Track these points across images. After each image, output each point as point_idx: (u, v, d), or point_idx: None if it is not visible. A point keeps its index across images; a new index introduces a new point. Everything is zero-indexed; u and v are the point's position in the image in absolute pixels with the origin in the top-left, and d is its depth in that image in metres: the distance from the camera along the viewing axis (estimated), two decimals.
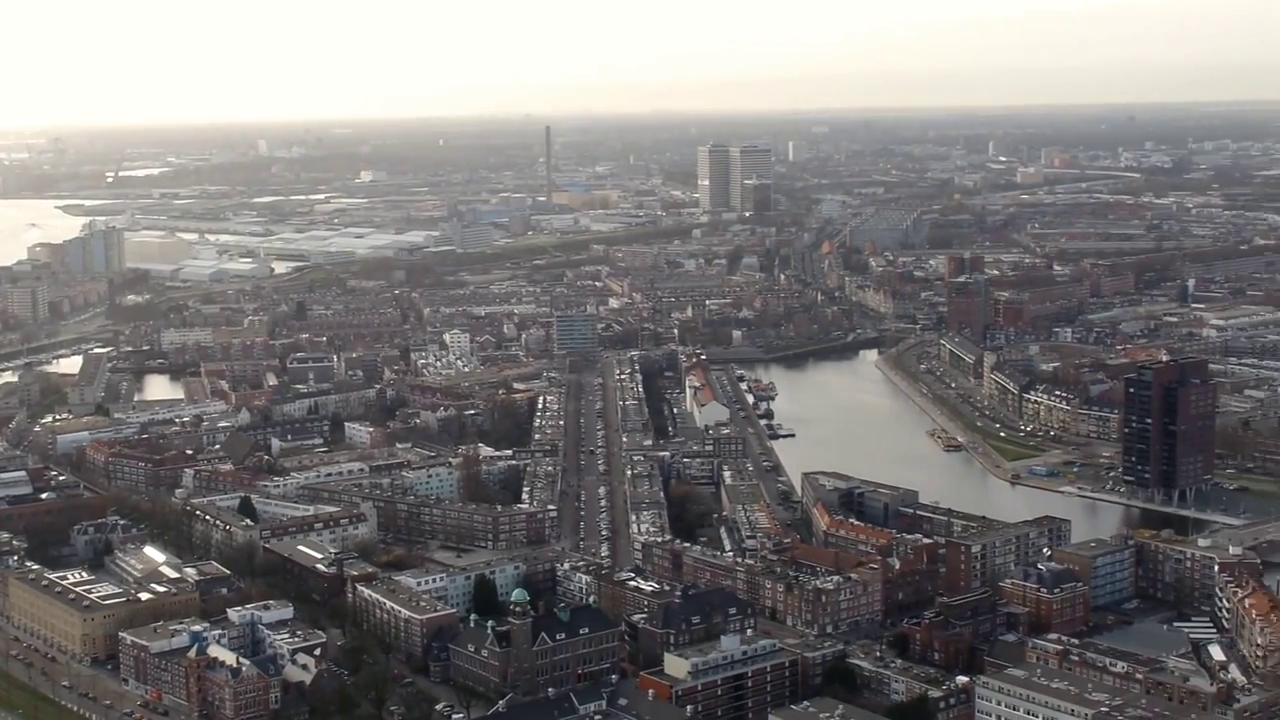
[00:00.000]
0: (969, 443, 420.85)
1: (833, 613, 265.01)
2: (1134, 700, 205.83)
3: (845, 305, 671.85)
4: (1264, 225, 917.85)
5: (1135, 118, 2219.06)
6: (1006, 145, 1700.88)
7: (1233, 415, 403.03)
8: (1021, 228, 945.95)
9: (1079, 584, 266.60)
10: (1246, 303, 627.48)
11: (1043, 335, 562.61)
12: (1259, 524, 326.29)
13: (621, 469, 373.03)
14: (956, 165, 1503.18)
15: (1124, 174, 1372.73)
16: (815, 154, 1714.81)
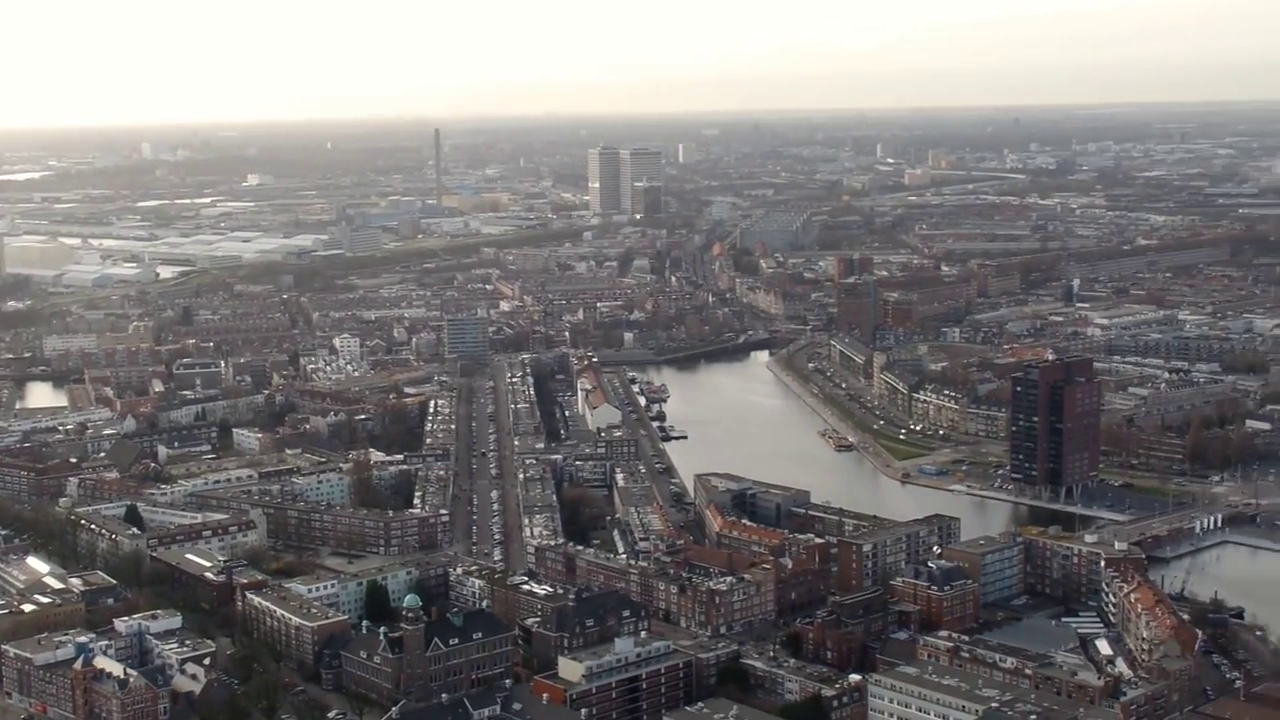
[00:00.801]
0: (860, 442, 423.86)
1: (726, 613, 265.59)
2: (1023, 695, 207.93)
3: (736, 307, 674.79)
4: (1146, 225, 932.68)
5: (1020, 120, 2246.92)
6: (894, 147, 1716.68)
7: (1117, 413, 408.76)
8: (909, 229, 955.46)
9: (969, 581, 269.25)
10: (1129, 302, 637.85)
11: (931, 335, 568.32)
12: (1143, 519, 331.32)
13: (514, 472, 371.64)
14: (845, 167, 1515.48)
15: (1009, 175, 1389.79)
16: (705, 156, 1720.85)
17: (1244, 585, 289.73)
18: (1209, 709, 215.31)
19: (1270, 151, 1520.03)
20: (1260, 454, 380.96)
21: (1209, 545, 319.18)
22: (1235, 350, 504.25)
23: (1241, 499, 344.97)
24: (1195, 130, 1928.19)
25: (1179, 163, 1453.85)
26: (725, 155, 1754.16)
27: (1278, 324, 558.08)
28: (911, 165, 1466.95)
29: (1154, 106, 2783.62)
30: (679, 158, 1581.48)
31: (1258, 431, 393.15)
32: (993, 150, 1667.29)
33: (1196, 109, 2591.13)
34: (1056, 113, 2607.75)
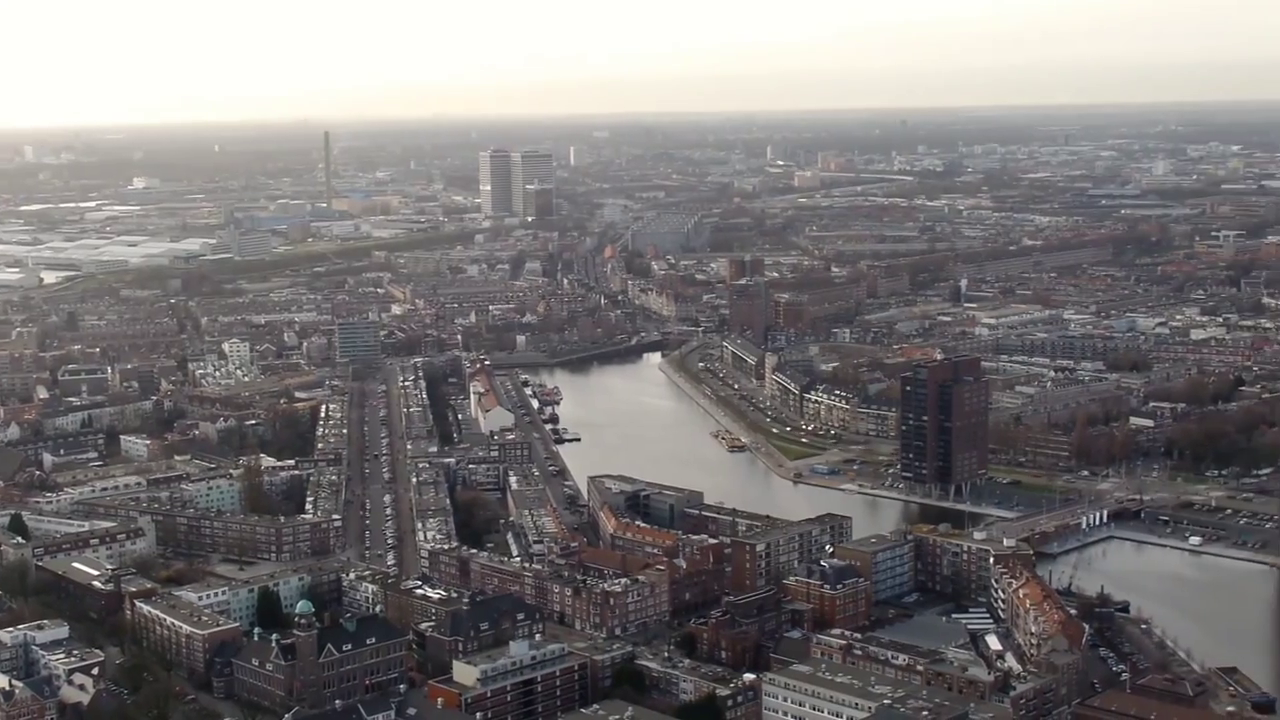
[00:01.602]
0: (752, 443, 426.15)
1: (621, 615, 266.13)
2: (915, 692, 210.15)
3: (628, 309, 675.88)
4: (1031, 226, 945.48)
5: (907, 122, 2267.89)
6: (784, 149, 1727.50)
7: (1005, 411, 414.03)
8: (800, 230, 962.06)
9: (861, 579, 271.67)
10: (1016, 302, 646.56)
11: (822, 336, 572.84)
12: (1031, 516, 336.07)
13: (406, 476, 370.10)
14: (736, 169, 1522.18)
15: (897, 177, 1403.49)
16: (597, 159, 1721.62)
17: (1129, 579, 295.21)
18: (1096, 702, 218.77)
19: (1150, 154, 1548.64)
20: (1143, 450, 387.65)
21: (1095, 540, 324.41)
22: (1118, 349, 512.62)
23: (1126, 494, 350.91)
24: (1078, 133, 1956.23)
25: (1063, 164, 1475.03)
26: (616, 158, 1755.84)
27: (1160, 322, 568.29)
28: (801, 167, 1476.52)
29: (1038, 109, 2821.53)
30: (570, 160, 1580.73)
31: (1141, 428, 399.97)
32: (881, 152, 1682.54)
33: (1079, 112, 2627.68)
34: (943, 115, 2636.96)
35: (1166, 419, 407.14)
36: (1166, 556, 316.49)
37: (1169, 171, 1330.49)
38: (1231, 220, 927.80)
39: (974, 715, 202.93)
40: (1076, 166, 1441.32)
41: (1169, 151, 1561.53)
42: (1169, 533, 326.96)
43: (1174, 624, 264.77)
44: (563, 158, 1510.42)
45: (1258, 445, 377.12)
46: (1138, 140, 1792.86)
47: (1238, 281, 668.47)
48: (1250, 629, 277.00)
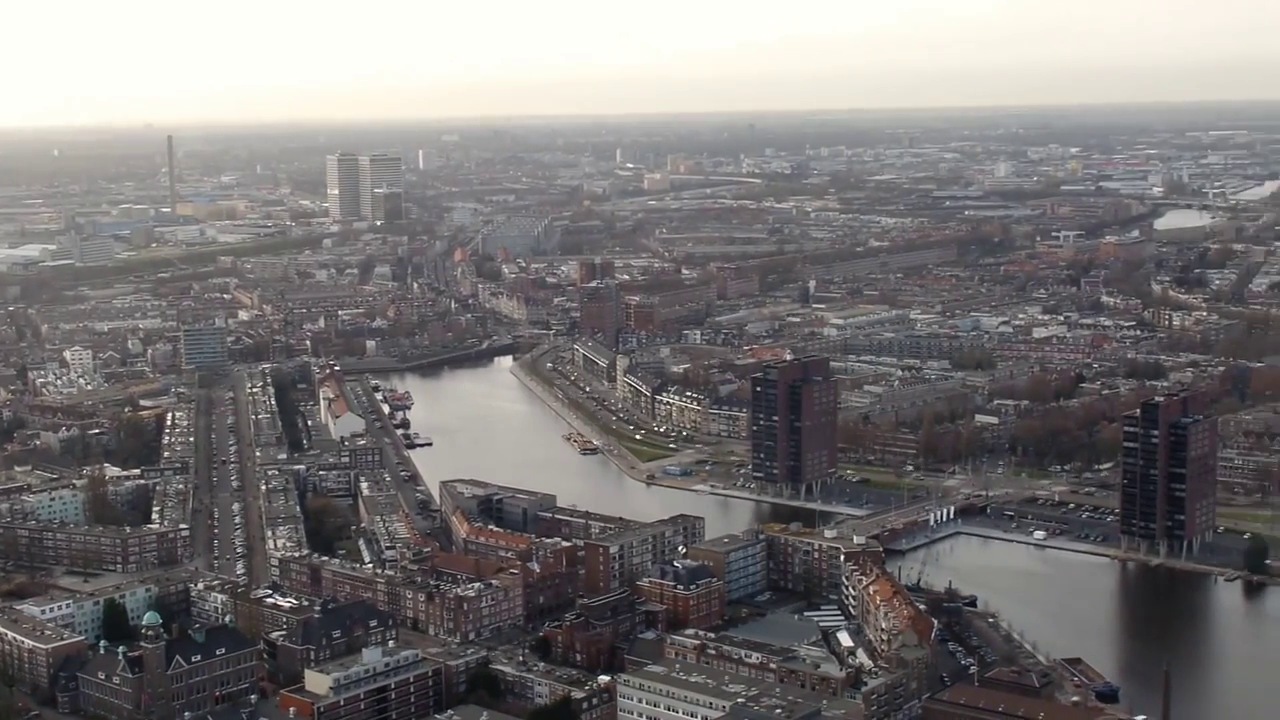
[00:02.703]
0: (605, 445, 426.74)
1: (475, 620, 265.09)
2: (769, 690, 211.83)
3: (479, 312, 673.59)
4: (878, 228, 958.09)
5: (755, 125, 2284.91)
6: (634, 152, 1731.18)
7: (853, 410, 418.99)
8: (650, 233, 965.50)
9: (714, 579, 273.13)
10: (863, 302, 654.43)
11: (673, 337, 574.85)
12: (880, 513, 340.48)
13: (256, 484, 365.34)
14: (586, 172, 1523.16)
15: (746, 179, 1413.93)
16: (446, 162, 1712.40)
17: (976, 574, 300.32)
18: (945, 695, 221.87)
19: (992, 156, 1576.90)
20: (989, 447, 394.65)
21: (943, 536, 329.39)
22: (964, 348, 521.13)
23: (972, 491, 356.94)
24: (922, 136, 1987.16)
25: (908, 167, 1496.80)
26: (466, 161, 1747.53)
27: (1003, 321, 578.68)
28: (651, 170, 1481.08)
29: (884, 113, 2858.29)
30: (419, 164, 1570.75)
31: (986, 425, 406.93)
32: (730, 155, 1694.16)
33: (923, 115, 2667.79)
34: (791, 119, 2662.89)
35: (1010, 416, 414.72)
36: (1012, 551, 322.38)
37: (1010, 173, 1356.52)
38: (1071, 221, 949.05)
39: (826, 712, 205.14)
40: (921, 169, 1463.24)
41: (1010, 154, 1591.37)
42: (1014, 528, 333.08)
43: (1020, 617, 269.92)
44: (412, 161, 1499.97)
45: (1098, 441, 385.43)
46: (980, 143, 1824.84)
47: (1078, 280, 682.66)
48: (1094, 620, 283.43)
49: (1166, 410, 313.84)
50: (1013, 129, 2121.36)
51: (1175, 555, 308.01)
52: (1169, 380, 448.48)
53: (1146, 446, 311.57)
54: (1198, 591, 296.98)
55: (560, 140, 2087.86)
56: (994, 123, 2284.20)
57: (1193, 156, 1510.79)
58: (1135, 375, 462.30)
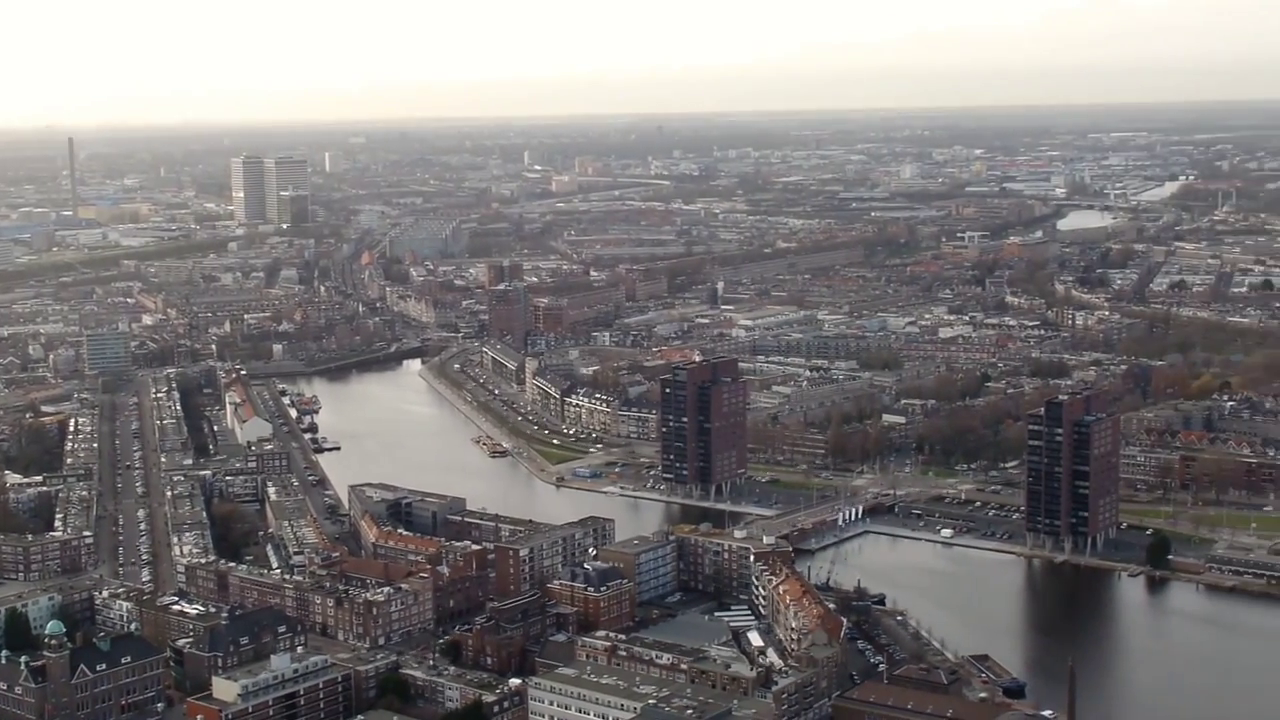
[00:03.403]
0: (514, 448, 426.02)
1: (384, 624, 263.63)
2: (680, 690, 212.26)
3: (387, 316, 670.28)
4: (785, 229, 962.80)
5: (663, 127, 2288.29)
6: (541, 154, 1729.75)
7: (762, 411, 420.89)
8: (558, 235, 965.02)
9: (624, 581, 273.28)
10: (771, 303, 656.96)
11: (582, 339, 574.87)
12: (790, 513, 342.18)
13: (161, 490, 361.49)
14: (493, 175, 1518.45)
15: (654, 181, 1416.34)
16: (353, 165, 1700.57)
17: (884, 572, 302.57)
18: (855, 693, 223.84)
19: (898, 157, 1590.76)
20: (896, 446, 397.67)
21: (851, 535, 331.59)
22: (871, 348, 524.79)
23: (880, 490, 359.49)
24: (829, 138, 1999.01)
25: (814, 168, 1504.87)
26: (373, 164, 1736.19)
27: (909, 321, 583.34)
28: (559, 172, 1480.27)
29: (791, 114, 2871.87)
30: (326, 166, 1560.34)
31: (893, 425, 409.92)
32: (637, 157, 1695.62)
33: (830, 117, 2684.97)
34: (698, 120, 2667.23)
35: (917, 415, 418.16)
36: (920, 549, 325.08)
37: (916, 175, 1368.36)
38: (975, 221, 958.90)
39: (737, 712, 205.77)
40: (828, 170, 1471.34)
41: (916, 155, 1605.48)
42: (922, 526, 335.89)
43: (928, 614, 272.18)
44: (318, 164, 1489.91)
45: (1003, 439, 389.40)
46: (886, 145, 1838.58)
47: (982, 281, 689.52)
48: (1000, 617, 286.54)
49: (1070, 409, 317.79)
50: (918, 131, 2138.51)
51: (1079, 552, 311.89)
52: (1072, 379, 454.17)
53: (1051, 445, 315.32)
54: (1102, 587, 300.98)
55: (468, 143, 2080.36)
56: (899, 125, 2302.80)
57: (1094, 158, 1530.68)
58: (1039, 374, 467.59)
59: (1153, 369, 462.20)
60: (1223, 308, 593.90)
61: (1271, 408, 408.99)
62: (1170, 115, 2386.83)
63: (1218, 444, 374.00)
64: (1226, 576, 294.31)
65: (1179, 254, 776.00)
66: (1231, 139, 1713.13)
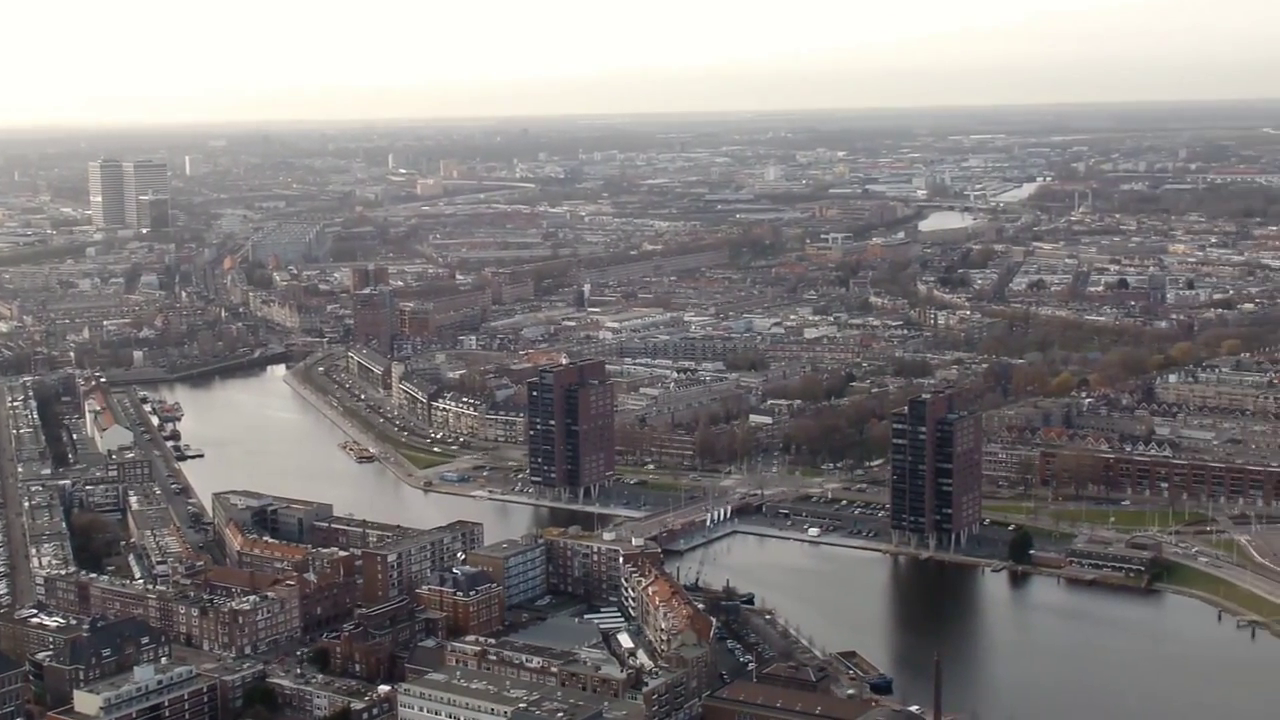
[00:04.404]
0: (381, 453, 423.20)
1: (250, 633, 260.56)
2: (550, 694, 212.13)
3: (250, 321, 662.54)
4: (650, 231, 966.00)
5: (529, 130, 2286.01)
6: (406, 158, 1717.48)
7: (630, 413, 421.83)
8: (424, 239, 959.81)
9: (493, 585, 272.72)
10: (638, 305, 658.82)
11: (448, 343, 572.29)
12: (658, 515, 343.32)
13: (18, 500, 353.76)
14: (357, 178, 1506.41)
15: (520, 184, 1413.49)
16: (214, 168, 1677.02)
17: (753, 572, 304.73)
18: (725, 692, 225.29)
19: (762, 159, 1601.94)
20: (763, 446, 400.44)
21: (720, 536, 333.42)
22: (737, 349, 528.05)
23: (748, 490, 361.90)
24: (694, 140, 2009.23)
25: (680, 171, 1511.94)
26: (234, 167, 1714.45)
27: (775, 322, 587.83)
28: (424, 176, 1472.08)
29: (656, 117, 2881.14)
30: (186, 170, 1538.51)
31: (760, 425, 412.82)
32: (503, 160, 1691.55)
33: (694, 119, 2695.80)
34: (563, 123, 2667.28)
35: (784, 416, 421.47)
36: (787, 548, 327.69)
37: (780, 177, 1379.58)
38: (839, 223, 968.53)
39: (608, 713, 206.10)
40: (693, 172, 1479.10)
41: (779, 158, 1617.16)
42: (789, 525, 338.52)
43: (797, 613, 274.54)
44: (178, 168, 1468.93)
45: (868, 438, 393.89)
46: (750, 147, 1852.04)
47: (846, 281, 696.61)
48: (867, 614, 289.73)
49: (933, 407, 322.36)
50: (781, 133, 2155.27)
51: (944, 548, 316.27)
52: (935, 378, 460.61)
53: (914, 443, 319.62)
54: (966, 583, 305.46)
55: (331, 146, 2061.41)
56: (763, 127, 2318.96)
57: (954, 160, 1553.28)
58: (903, 373, 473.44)
59: (1013, 367, 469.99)
60: (1080, 306, 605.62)
61: (1128, 404, 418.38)
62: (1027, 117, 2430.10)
63: (1076, 440, 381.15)
64: (1086, 570, 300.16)
65: (1037, 254, 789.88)
66: (1087, 141, 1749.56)
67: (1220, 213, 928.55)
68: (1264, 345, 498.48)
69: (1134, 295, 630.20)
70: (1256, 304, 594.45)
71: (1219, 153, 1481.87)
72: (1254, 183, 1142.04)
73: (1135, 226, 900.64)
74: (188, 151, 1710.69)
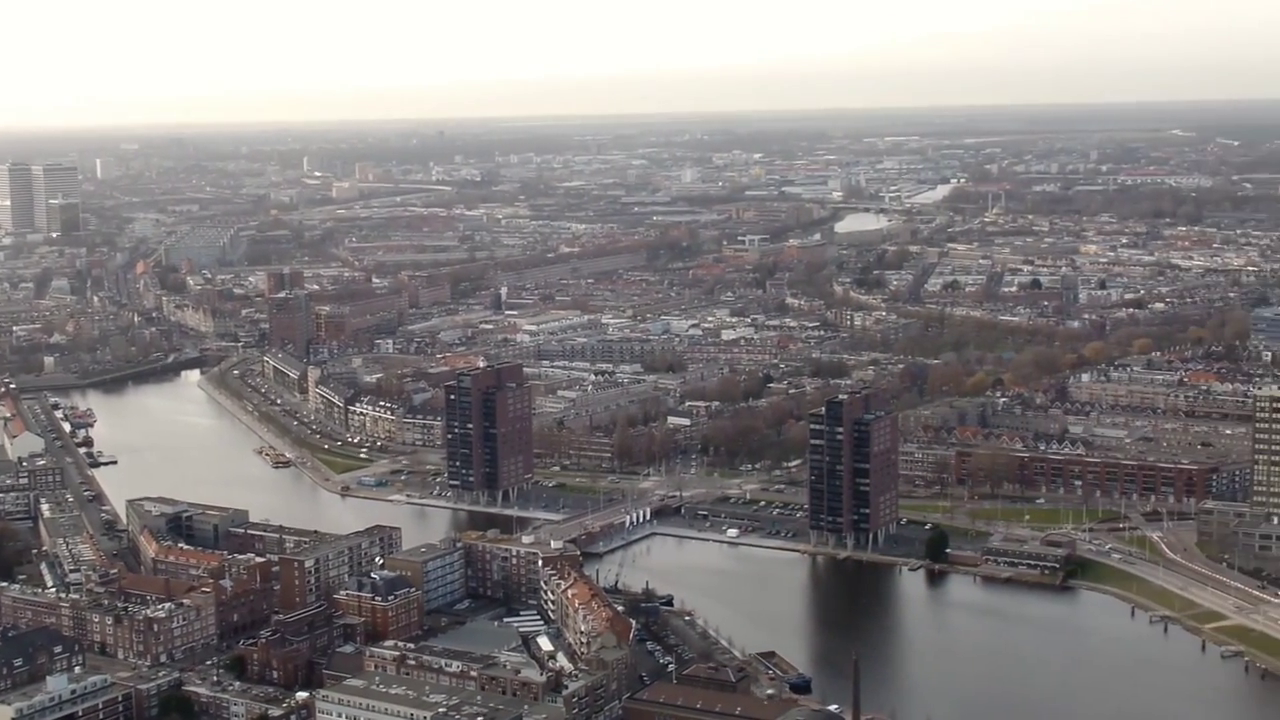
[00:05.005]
0: (298, 458, 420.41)
1: (166, 641, 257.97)
2: (470, 698, 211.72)
3: (164, 326, 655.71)
4: (567, 234, 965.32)
5: (444, 133, 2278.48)
6: (321, 161, 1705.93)
7: (548, 416, 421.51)
8: (339, 242, 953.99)
9: (412, 589, 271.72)
10: (555, 308, 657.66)
11: (365, 348, 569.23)
12: (577, 517, 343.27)
13: None
14: (272, 181, 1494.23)
15: (436, 187, 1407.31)
16: (126, 172, 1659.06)
17: (672, 574, 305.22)
18: (645, 694, 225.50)
19: (679, 162, 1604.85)
20: (682, 448, 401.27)
21: (639, 538, 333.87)
22: (655, 351, 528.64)
23: (666, 492, 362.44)
24: (610, 142, 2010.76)
25: (596, 173, 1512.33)
26: (147, 170, 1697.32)
27: (693, 324, 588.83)
28: (339, 178, 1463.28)
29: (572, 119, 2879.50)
30: (98, 173, 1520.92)
31: (678, 427, 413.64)
32: (419, 163, 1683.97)
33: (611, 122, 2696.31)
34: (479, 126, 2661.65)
35: (702, 417, 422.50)
36: (706, 549, 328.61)
37: (696, 179, 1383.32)
38: (756, 225, 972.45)
39: (528, 717, 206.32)
40: (609, 175, 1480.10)
41: (696, 160, 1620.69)
42: (708, 526, 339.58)
43: (716, 614, 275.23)
44: (89, 171, 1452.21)
45: (786, 439, 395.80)
46: (666, 149, 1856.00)
47: (763, 283, 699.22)
48: (786, 614, 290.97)
49: (850, 408, 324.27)
50: (697, 135, 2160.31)
51: (862, 548, 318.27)
52: (852, 378, 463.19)
53: (832, 443, 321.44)
54: (884, 582, 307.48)
55: (245, 148, 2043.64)
56: (679, 130, 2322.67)
57: (870, 162, 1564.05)
58: (820, 374, 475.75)
59: (928, 367, 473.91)
60: (994, 307, 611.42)
61: (1041, 403, 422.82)
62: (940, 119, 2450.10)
63: (991, 439, 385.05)
64: (1002, 568, 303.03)
65: (951, 255, 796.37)
66: (1000, 143, 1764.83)
67: (1131, 213, 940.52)
68: (1174, 344, 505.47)
69: (1047, 295, 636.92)
70: (1167, 304, 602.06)
71: (1129, 154, 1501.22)
72: (1164, 184, 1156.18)
73: (1048, 227, 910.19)
74: (99, 155, 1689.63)
